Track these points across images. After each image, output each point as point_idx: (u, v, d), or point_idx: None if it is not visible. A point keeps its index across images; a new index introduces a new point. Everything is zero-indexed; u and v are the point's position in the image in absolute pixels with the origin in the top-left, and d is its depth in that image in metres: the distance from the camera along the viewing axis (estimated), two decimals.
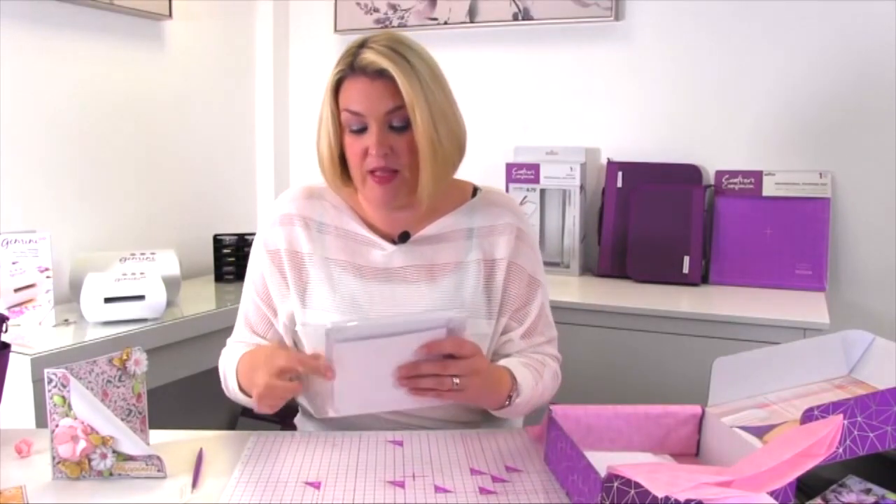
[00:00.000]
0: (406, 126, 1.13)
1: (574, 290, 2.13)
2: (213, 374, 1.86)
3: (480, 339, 1.20)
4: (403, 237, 1.22)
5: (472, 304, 1.20)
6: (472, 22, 2.40)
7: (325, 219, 1.25)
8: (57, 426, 1.01)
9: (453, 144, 1.17)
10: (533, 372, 1.19)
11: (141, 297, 1.73)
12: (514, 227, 1.24)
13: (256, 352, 1.17)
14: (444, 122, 1.15)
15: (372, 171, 1.14)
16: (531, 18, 2.33)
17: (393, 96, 1.11)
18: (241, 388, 1.18)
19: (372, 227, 1.24)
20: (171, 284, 1.86)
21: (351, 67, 1.13)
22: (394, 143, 1.13)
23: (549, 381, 1.23)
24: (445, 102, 1.16)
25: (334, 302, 1.20)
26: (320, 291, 1.21)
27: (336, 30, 2.58)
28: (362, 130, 1.14)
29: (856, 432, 0.92)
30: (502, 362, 1.18)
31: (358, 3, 2.54)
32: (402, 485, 1.00)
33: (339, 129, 1.16)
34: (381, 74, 1.11)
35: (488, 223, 1.24)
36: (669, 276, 2.13)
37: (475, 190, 1.29)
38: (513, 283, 1.23)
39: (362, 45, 1.14)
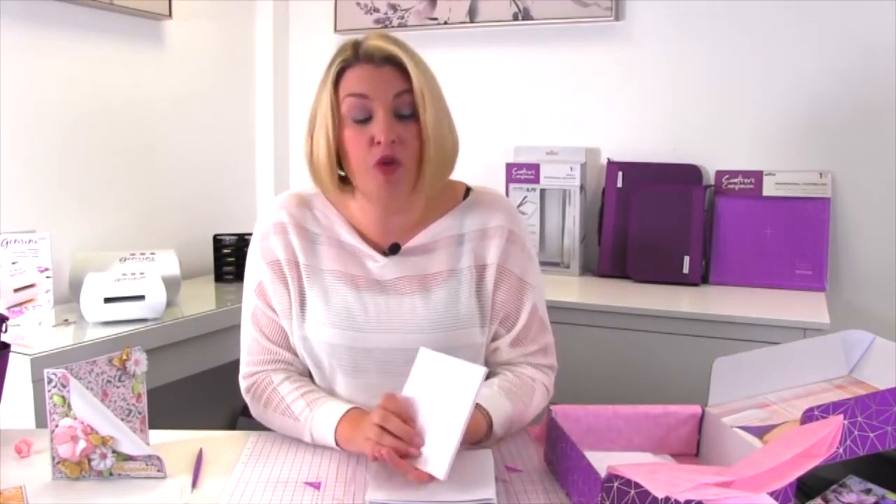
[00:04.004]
0: (412, 115, 1.10)
1: (574, 290, 2.13)
2: (213, 374, 1.87)
3: (474, 349, 1.18)
4: (394, 249, 1.18)
5: (467, 315, 1.17)
6: (472, 22, 2.40)
7: (315, 228, 1.20)
8: (57, 426, 1.01)
9: (453, 142, 1.16)
10: (515, 400, 1.14)
11: (141, 297, 1.73)
12: (505, 230, 1.19)
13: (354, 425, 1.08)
14: (447, 116, 1.14)
15: (377, 163, 1.09)
16: (531, 18, 2.33)
17: (401, 80, 1.09)
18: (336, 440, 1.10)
19: (363, 236, 1.19)
20: (171, 284, 1.86)
21: (356, 56, 1.10)
22: (400, 133, 1.09)
23: (538, 402, 1.19)
24: (445, 101, 1.15)
25: (328, 314, 1.16)
26: (315, 303, 1.17)
27: (336, 30, 2.57)
28: (367, 120, 1.09)
29: (856, 432, 0.91)
30: (484, 397, 1.11)
31: (358, 3, 2.54)
32: None
33: (339, 122, 1.11)
34: (388, 61, 1.09)
35: (479, 227, 1.20)
36: (669, 276, 2.13)
37: (467, 191, 1.24)
38: (501, 288, 1.19)
39: (360, 41, 1.12)
